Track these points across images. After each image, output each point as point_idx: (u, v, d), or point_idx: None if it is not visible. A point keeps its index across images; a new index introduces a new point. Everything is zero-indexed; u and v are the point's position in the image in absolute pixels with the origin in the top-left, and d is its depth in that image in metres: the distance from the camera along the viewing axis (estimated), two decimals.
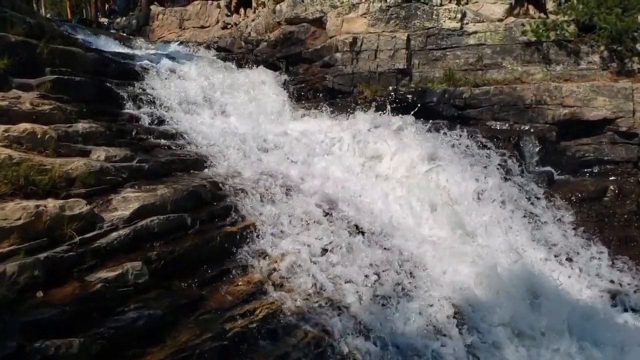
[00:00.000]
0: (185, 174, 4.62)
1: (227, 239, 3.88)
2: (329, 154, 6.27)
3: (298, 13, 9.06)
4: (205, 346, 2.87)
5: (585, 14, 7.57)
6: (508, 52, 7.96)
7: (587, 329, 4.36)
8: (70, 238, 3.02)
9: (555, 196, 6.33)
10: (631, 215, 6.24)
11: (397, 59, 8.17)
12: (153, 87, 6.17)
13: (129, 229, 3.34)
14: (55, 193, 3.29)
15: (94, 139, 4.29)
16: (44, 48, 5.01)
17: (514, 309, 4.26)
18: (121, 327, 2.72)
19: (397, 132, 6.64)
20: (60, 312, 2.58)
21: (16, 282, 2.58)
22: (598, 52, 7.59)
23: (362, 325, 3.64)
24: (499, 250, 5.08)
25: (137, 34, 13.99)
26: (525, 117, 7.47)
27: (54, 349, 2.38)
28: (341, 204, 5.04)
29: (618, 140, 7.11)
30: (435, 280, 4.35)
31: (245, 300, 3.42)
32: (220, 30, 12.11)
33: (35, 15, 6.92)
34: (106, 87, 5.58)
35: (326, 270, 4.02)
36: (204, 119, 6.12)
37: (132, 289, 2.99)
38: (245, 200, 4.44)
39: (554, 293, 4.65)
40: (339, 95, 8.29)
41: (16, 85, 4.44)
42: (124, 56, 7.33)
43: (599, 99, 7.11)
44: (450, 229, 5.21)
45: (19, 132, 3.62)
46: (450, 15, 8.16)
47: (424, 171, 5.94)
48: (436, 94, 7.80)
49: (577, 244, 5.72)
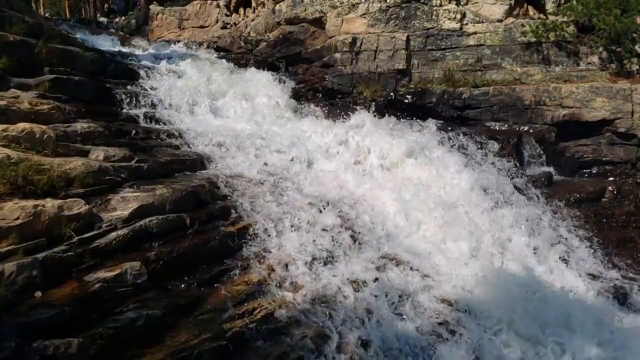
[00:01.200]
0: (185, 174, 4.62)
1: (226, 239, 3.88)
2: (331, 155, 6.26)
3: (298, 13, 9.06)
4: (204, 346, 2.86)
5: (585, 15, 7.59)
6: (507, 53, 7.97)
7: (588, 329, 4.36)
8: (69, 238, 3.02)
9: (554, 196, 6.34)
10: (629, 215, 6.25)
11: (396, 60, 8.17)
12: (152, 87, 6.18)
13: (128, 229, 3.34)
14: (54, 193, 3.28)
15: (92, 138, 4.29)
16: (42, 47, 5.01)
17: (514, 308, 4.26)
18: (120, 327, 2.71)
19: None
20: (59, 312, 2.57)
21: (14, 282, 2.58)
22: (597, 53, 7.61)
23: (360, 323, 3.63)
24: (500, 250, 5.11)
25: (136, 33, 13.97)
26: (524, 118, 7.48)
27: (52, 349, 2.37)
28: (338, 204, 5.04)
29: (617, 141, 7.14)
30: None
31: (244, 300, 3.42)
32: (220, 30, 12.09)
33: (34, 14, 6.91)
34: (105, 87, 5.58)
35: (325, 270, 4.02)
36: (203, 119, 6.12)
37: (131, 289, 2.98)
38: (244, 200, 4.44)
39: (554, 292, 4.65)
40: (339, 96, 8.30)
41: (15, 84, 4.44)
42: (123, 56, 7.34)
43: (597, 100, 7.12)
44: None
45: (18, 131, 3.62)
46: (449, 15, 8.17)
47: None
48: (435, 95, 7.81)
49: (577, 244, 5.72)
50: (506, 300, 4.29)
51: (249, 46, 9.66)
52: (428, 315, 4.00)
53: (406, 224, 5.20)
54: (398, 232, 5.06)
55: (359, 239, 4.61)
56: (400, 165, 6.19)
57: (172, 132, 5.41)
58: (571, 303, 4.65)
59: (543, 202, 6.20)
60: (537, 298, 4.43)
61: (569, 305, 4.53)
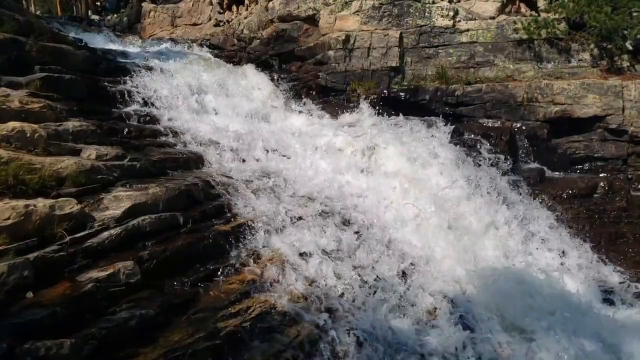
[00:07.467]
0: (178, 173, 4.59)
1: (220, 237, 3.86)
2: (325, 153, 6.25)
3: (291, 10, 9.04)
4: (198, 346, 2.85)
5: (576, 12, 7.64)
6: (500, 50, 8.01)
7: (580, 324, 4.40)
8: (61, 238, 2.99)
9: (546, 193, 6.38)
10: (621, 211, 6.31)
11: (389, 57, 8.18)
12: (144, 85, 6.12)
13: (121, 228, 3.31)
14: (45, 192, 3.25)
15: (84, 137, 4.25)
16: (33, 45, 4.96)
17: (506, 304, 4.30)
18: (113, 327, 2.69)
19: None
20: (51, 312, 2.55)
21: (5, 282, 2.55)
22: (588, 50, 7.66)
23: (354, 321, 3.65)
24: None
25: (129, 31, 13.89)
26: (516, 114, 7.53)
27: (44, 350, 2.35)
28: (334, 201, 5.05)
29: (608, 138, 7.20)
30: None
31: (238, 299, 3.40)
32: (213, 28, 12.04)
33: (25, 12, 6.82)
34: (97, 85, 5.53)
35: (319, 268, 4.03)
36: (196, 117, 6.09)
37: (124, 288, 2.96)
38: (238, 198, 4.43)
39: (547, 288, 4.69)
40: (332, 93, 8.30)
41: (5, 83, 4.38)
42: (115, 54, 7.27)
43: (589, 96, 7.17)
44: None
45: (8, 131, 3.57)
46: (442, 13, 8.19)
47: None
48: (429, 92, 7.83)
49: (568, 239, 5.77)
50: (496, 293, 4.33)
51: (242, 44, 9.64)
52: (422, 309, 4.03)
53: (400, 219, 5.22)
54: (396, 229, 5.08)
55: (357, 237, 4.61)
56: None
57: (165, 130, 5.37)
58: (563, 298, 4.69)
59: (535, 198, 6.24)
60: (526, 292, 4.47)
61: (561, 300, 4.57)
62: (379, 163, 6.07)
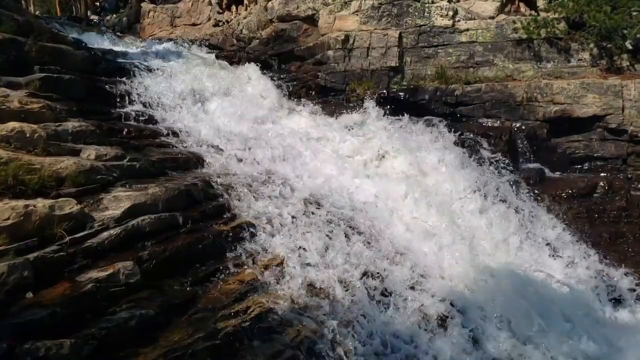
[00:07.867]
0: (177, 173, 4.59)
1: (219, 237, 3.86)
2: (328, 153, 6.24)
3: (290, 10, 9.04)
4: (197, 346, 2.85)
5: (575, 11, 7.63)
6: (499, 50, 8.00)
7: (581, 323, 4.40)
8: (61, 238, 2.99)
9: (546, 192, 6.38)
10: (621, 210, 6.31)
11: (389, 57, 8.17)
12: (144, 85, 6.13)
13: (120, 228, 3.31)
14: (45, 193, 3.25)
15: (84, 137, 4.25)
16: (32, 46, 4.96)
17: (507, 303, 4.29)
18: (113, 327, 2.69)
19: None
20: (51, 313, 2.55)
21: (5, 283, 2.55)
22: (588, 50, 7.65)
23: (354, 321, 3.64)
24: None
25: (128, 31, 13.87)
26: (516, 114, 7.52)
27: (44, 350, 2.35)
28: (335, 202, 5.04)
29: (608, 137, 7.19)
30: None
31: (238, 299, 3.40)
32: (212, 28, 12.03)
33: (24, 12, 6.82)
34: (96, 85, 5.53)
35: (318, 268, 4.02)
36: (196, 117, 6.09)
37: (124, 288, 2.96)
38: (237, 198, 4.43)
39: (547, 287, 4.69)
40: (332, 93, 8.29)
41: (4, 83, 4.38)
42: (114, 54, 7.27)
43: (588, 96, 7.17)
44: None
45: (7, 131, 3.58)
46: (442, 12, 8.18)
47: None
48: (428, 92, 7.82)
49: (569, 239, 5.77)
50: (498, 295, 4.32)
51: (242, 44, 9.64)
52: (423, 311, 4.02)
53: (402, 221, 5.22)
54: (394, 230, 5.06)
55: (354, 236, 4.60)
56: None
57: (164, 130, 5.37)
58: (564, 297, 4.69)
59: (535, 199, 6.24)
60: (528, 293, 4.46)
61: (559, 301, 4.57)
62: (389, 171, 6.04)
